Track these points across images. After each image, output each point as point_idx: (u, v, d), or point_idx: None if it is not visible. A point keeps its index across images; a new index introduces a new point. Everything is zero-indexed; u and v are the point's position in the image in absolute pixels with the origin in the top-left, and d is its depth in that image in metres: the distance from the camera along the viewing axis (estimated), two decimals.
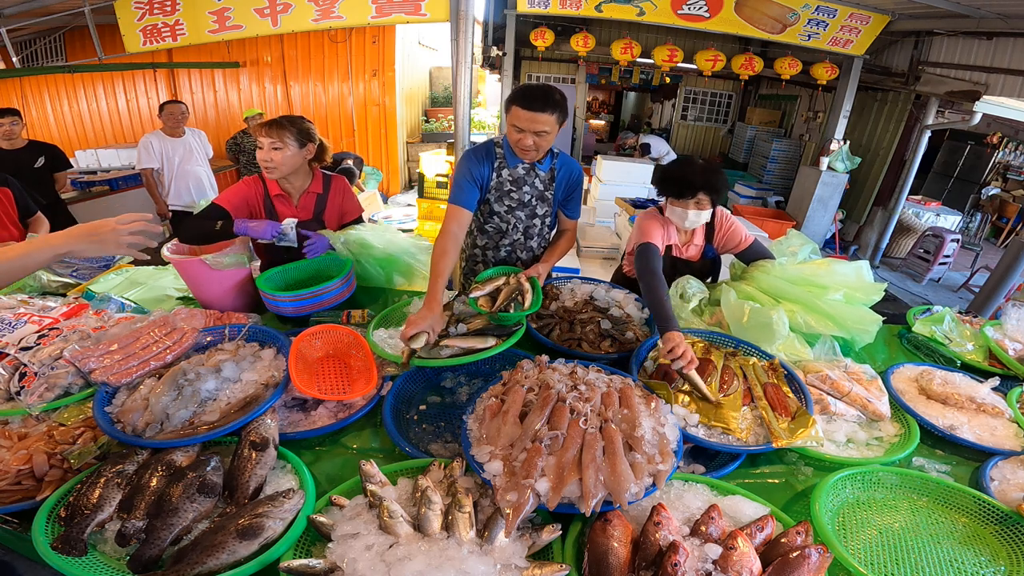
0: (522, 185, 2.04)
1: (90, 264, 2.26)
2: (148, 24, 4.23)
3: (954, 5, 4.47)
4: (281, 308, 1.89)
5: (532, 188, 2.06)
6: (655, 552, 1.00)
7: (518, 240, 2.18)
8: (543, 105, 1.76)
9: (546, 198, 2.10)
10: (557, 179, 2.07)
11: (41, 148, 3.77)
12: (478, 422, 1.31)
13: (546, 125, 1.80)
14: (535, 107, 1.76)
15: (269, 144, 1.93)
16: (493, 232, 2.18)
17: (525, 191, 2.06)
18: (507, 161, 2.01)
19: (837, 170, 6.32)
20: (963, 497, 1.28)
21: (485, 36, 7.78)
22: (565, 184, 2.10)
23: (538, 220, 2.14)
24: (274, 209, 2.06)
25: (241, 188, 2.04)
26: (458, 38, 3.54)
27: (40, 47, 7.38)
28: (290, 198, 2.08)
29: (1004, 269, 4.65)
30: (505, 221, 2.12)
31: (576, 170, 2.11)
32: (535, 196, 2.08)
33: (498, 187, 2.05)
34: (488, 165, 2.00)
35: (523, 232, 2.16)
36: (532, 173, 2.03)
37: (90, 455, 1.24)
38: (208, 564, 0.96)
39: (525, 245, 2.20)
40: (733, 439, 1.38)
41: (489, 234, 2.20)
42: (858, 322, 1.84)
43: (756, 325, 1.77)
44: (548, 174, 2.06)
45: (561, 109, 1.80)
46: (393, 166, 8.29)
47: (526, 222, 2.13)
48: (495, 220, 2.13)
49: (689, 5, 5.18)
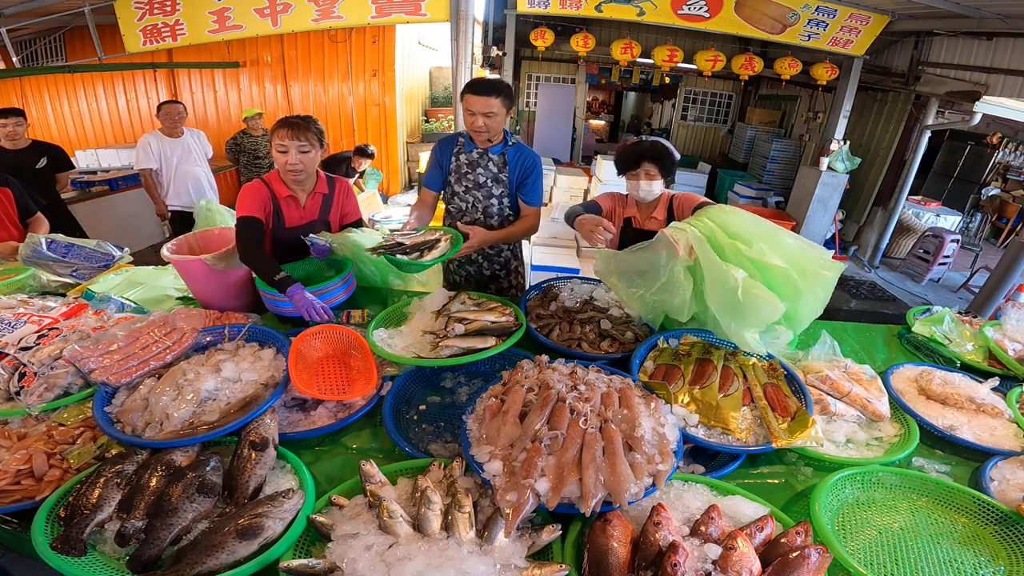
0: (476, 167, 2.28)
1: (90, 264, 2.26)
2: (148, 24, 4.23)
3: (954, 5, 4.47)
4: (281, 308, 1.90)
5: (486, 170, 2.28)
6: (655, 552, 1.00)
7: (478, 219, 2.35)
8: (489, 90, 2.04)
9: (501, 180, 2.29)
10: (510, 163, 2.27)
11: (44, 148, 3.76)
12: (478, 422, 1.31)
13: (493, 107, 2.06)
14: (483, 92, 2.04)
15: (297, 147, 1.88)
16: (455, 212, 2.40)
17: (479, 173, 2.28)
18: (464, 147, 2.28)
19: (837, 170, 6.32)
20: (963, 497, 1.28)
21: (485, 36, 7.78)
22: (519, 169, 2.28)
23: (495, 200, 2.33)
24: (281, 211, 2.02)
25: (254, 194, 1.95)
26: (458, 38, 3.54)
27: (40, 47, 7.38)
28: (298, 200, 2.05)
29: (1004, 269, 4.65)
30: (464, 200, 2.35)
31: (530, 157, 2.29)
32: (489, 178, 2.29)
33: (456, 169, 2.32)
34: (449, 151, 2.31)
35: (482, 211, 2.34)
36: (485, 157, 2.26)
37: (90, 455, 1.24)
38: (208, 564, 0.96)
39: (485, 224, 2.35)
40: (733, 439, 1.38)
41: (452, 213, 2.42)
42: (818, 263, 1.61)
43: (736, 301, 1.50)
44: (500, 158, 2.27)
45: (506, 95, 2.08)
46: (393, 166, 8.28)
47: (484, 202, 2.33)
48: (456, 200, 2.37)
49: (689, 5, 5.18)
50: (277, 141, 1.88)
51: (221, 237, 2.15)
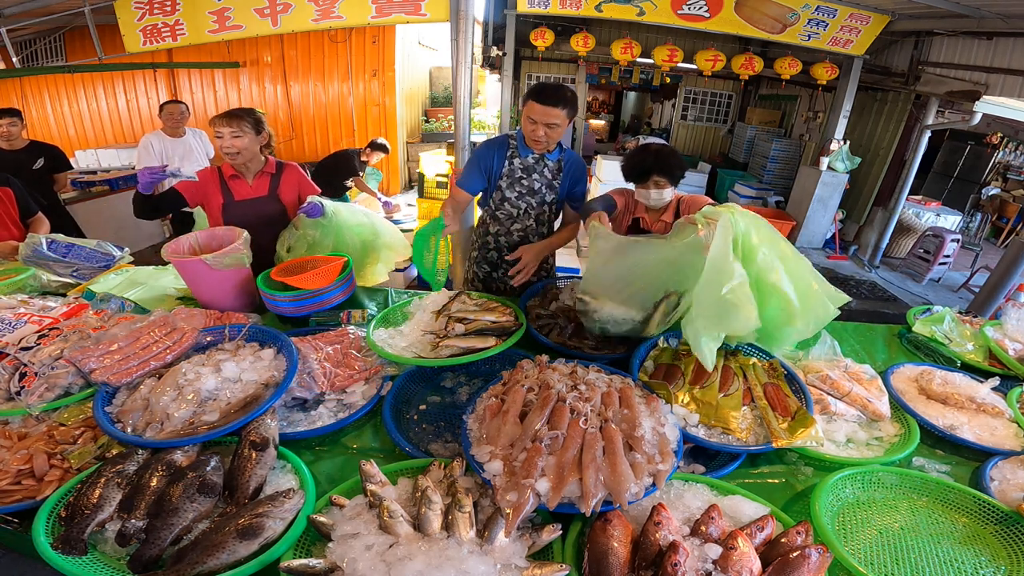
0: (532, 173, 2.22)
1: (90, 264, 2.26)
2: (148, 24, 4.23)
3: (954, 5, 4.47)
4: (281, 308, 1.90)
5: (541, 176, 2.23)
6: (655, 552, 1.00)
7: (530, 225, 2.32)
8: (555, 101, 1.96)
9: (554, 187, 2.26)
10: (564, 170, 2.24)
11: (41, 149, 3.76)
12: (478, 422, 1.31)
13: (556, 119, 1.99)
14: (548, 102, 1.96)
15: (230, 133, 2.13)
16: (504, 218, 2.32)
17: (535, 179, 2.22)
18: (519, 151, 2.20)
19: (837, 170, 6.32)
20: (963, 497, 1.28)
21: (485, 36, 7.78)
22: (571, 176, 2.26)
23: (547, 207, 2.30)
24: (230, 190, 2.24)
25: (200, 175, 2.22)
26: (458, 38, 3.54)
27: (40, 47, 7.38)
28: (244, 179, 2.27)
29: (1004, 269, 4.65)
30: (516, 207, 2.28)
31: (582, 165, 2.28)
32: (544, 184, 2.24)
33: (510, 174, 2.23)
34: (500, 155, 2.21)
35: (535, 218, 2.31)
36: (542, 162, 2.21)
37: (90, 455, 1.24)
38: (208, 564, 0.96)
39: (536, 231, 2.34)
40: (733, 439, 1.38)
41: (501, 220, 2.33)
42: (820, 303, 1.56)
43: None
44: (556, 164, 2.23)
45: (571, 106, 2.00)
46: (393, 166, 8.29)
47: (537, 208, 2.28)
48: (506, 206, 2.28)
49: (689, 5, 5.18)
50: (215, 128, 2.13)
51: (221, 237, 2.15)
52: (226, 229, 2.11)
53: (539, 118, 1.99)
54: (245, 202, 2.25)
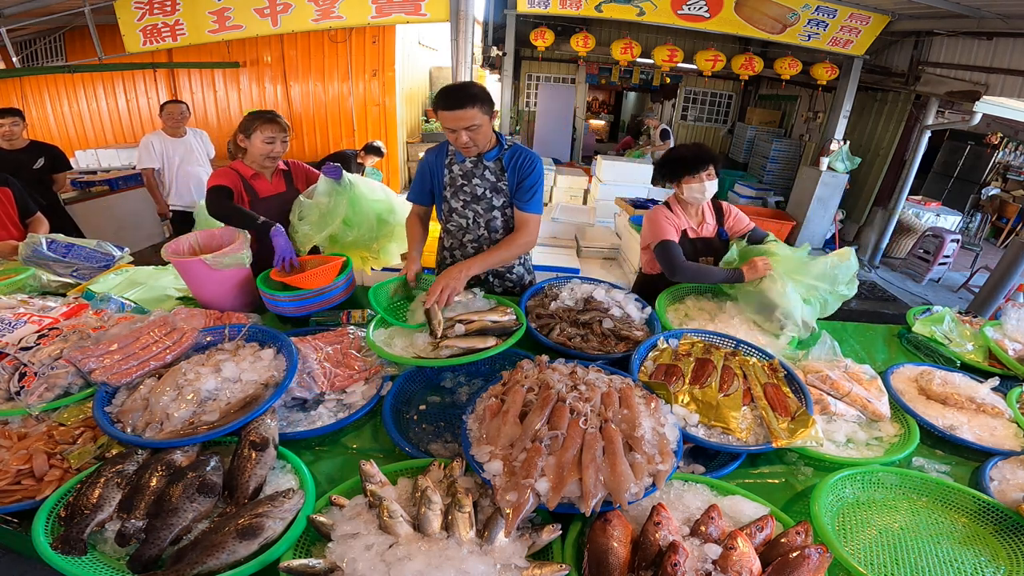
0: (472, 178, 2.09)
1: (90, 264, 2.26)
2: (148, 24, 4.23)
3: (954, 5, 4.47)
4: (281, 308, 1.90)
5: (483, 180, 2.09)
6: (655, 552, 1.00)
7: (482, 235, 2.18)
8: (462, 101, 1.80)
9: (500, 189, 2.09)
10: (508, 168, 2.06)
11: (42, 149, 3.76)
12: (478, 422, 1.31)
13: (473, 119, 1.83)
14: (454, 105, 1.81)
15: (282, 138, 2.18)
16: (456, 230, 2.21)
17: (476, 183, 2.09)
18: (456, 157, 2.08)
19: (837, 170, 6.32)
20: (963, 497, 1.28)
21: (485, 36, 7.78)
22: (516, 171, 2.06)
23: (497, 212, 2.14)
24: (253, 188, 2.25)
25: (222, 173, 2.19)
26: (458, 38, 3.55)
27: (40, 47, 7.38)
28: (264, 176, 2.29)
29: (1004, 269, 4.65)
30: (463, 216, 2.16)
31: (529, 158, 2.05)
32: (488, 188, 2.09)
33: (451, 183, 2.12)
34: (439, 163, 2.12)
35: (485, 226, 2.16)
36: (480, 165, 2.07)
37: (90, 455, 1.24)
38: (208, 564, 0.96)
39: (490, 239, 2.18)
40: (733, 439, 1.38)
41: (452, 232, 2.23)
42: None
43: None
44: (496, 164, 2.07)
45: (483, 100, 1.83)
46: (393, 166, 8.27)
47: (485, 215, 2.14)
48: (455, 217, 2.18)
49: (689, 5, 5.18)
50: (268, 134, 2.14)
51: (221, 237, 2.15)
52: (226, 229, 2.11)
53: (453, 124, 1.84)
54: (270, 198, 2.28)
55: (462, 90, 1.84)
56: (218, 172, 2.21)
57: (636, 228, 4.04)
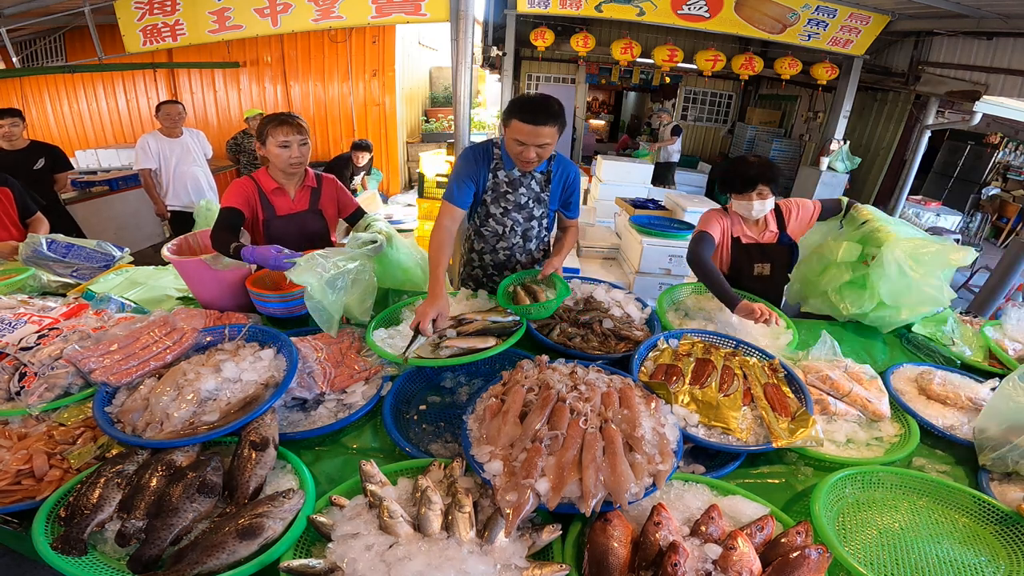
0: (518, 187, 2.04)
1: (90, 264, 2.26)
2: (148, 24, 4.23)
3: (954, 5, 4.47)
4: (270, 309, 1.88)
5: (528, 190, 2.05)
6: (655, 552, 1.00)
7: (516, 243, 2.15)
8: (545, 118, 1.74)
9: (542, 200, 2.08)
10: (553, 180, 2.05)
11: (42, 149, 3.76)
12: (478, 422, 1.31)
13: (548, 137, 1.78)
14: (538, 121, 1.74)
15: (299, 142, 1.97)
16: (490, 236, 2.15)
17: (521, 193, 2.05)
18: (503, 163, 2.00)
19: (837, 170, 6.32)
20: (963, 497, 1.28)
21: (485, 36, 7.78)
22: (562, 186, 2.09)
23: (535, 223, 2.13)
24: (271, 204, 2.07)
25: (239, 190, 2.03)
26: (458, 38, 3.54)
27: (40, 47, 7.38)
28: (286, 192, 2.10)
29: (1004, 269, 4.64)
30: (501, 224, 2.10)
31: (573, 171, 2.09)
32: (531, 198, 2.07)
33: (494, 188, 2.04)
34: (485, 166, 2.01)
35: (521, 235, 2.14)
36: (528, 175, 2.03)
37: (90, 455, 1.24)
38: (208, 564, 0.96)
39: (524, 248, 2.18)
40: (733, 439, 1.38)
41: (486, 238, 2.17)
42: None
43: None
44: (544, 176, 2.05)
45: (561, 120, 1.79)
46: (393, 166, 8.28)
47: (524, 224, 2.12)
48: (491, 223, 2.11)
49: (689, 5, 5.18)
50: (281, 138, 1.94)
51: None
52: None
53: (528, 139, 1.76)
54: (288, 217, 2.10)
55: (545, 106, 1.74)
56: (234, 186, 2.03)
57: (636, 228, 4.05)
